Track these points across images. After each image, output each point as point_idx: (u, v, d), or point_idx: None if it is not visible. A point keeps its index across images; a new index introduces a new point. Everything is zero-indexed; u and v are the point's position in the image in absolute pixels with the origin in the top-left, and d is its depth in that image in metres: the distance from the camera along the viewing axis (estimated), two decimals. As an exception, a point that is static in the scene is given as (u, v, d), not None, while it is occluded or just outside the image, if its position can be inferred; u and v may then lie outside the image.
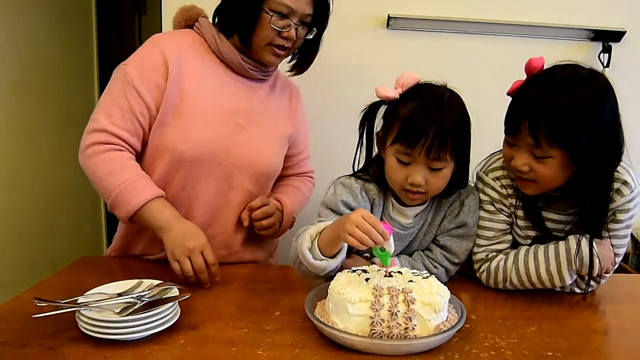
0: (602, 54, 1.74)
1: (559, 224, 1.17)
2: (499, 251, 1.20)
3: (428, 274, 1.01)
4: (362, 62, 1.80)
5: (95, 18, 2.92)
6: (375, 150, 1.22)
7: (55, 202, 2.53)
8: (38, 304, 0.89)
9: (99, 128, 1.22)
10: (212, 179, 1.28)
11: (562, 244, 1.12)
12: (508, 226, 1.20)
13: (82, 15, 2.86)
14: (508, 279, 1.16)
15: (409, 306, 0.89)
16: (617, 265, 1.17)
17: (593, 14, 1.74)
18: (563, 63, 1.07)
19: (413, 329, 0.88)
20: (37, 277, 1.21)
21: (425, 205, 1.21)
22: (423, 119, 1.07)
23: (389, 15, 1.75)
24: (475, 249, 1.22)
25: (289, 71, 1.44)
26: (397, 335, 0.87)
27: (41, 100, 2.40)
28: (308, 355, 0.87)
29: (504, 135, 1.13)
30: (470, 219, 1.21)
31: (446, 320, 0.92)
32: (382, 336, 0.88)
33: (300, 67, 1.43)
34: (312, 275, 1.08)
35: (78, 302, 0.93)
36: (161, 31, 3.99)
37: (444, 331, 0.89)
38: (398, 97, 1.13)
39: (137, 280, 1.03)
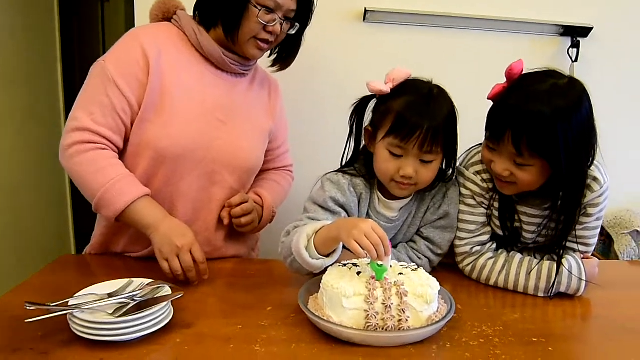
0: (570, 49, 1.80)
1: (533, 218, 1.22)
2: (482, 243, 1.24)
3: (416, 266, 1.04)
4: (338, 55, 1.81)
5: (58, 8, 2.80)
6: (362, 144, 1.24)
7: (20, 198, 2.45)
8: (29, 308, 0.87)
9: (80, 127, 1.18)
10: (194, 175, 1.27)
11: (554, 265, 1.15)
12: (487, 219, 1.25)
13: (44, 4, 2.74)
14: (493, 280, 1.21)
15: (401, 298, 0.92)
16: (590, 254, 1.24)
17: (562, 10, 1.80)
18: (542, 71, 1.11)
19: (406, 320, 0.91)
20: (3, 274, 1.17)
21: (409, 199, 1.24)
22: (417, 114, 1.10)
23: (365, 8, 1.76)
24: (458, 242, 1.25)
25: (271, 66, 1.43)
26: (391, 327, 0.90)
27: (3, 94, 2.31)
28: (305, 349, 0.89)
29: (480, 131, 1.17)
30: (453, 209, 1.25)
31: (437, 311, 0.96)
32: (377, 328, 0.90)
33: (282, 62, 1.43)
34: (305, 272, 1.09)
35: (69, 304, 0.92)
36: (131, 21, 3.89)
37: (437, 322, 0.92)
38: (389, 91, 1.16)
39: (127, 280, 1.02)
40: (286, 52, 1.40)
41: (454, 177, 1.26)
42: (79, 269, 1.29)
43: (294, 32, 1.32)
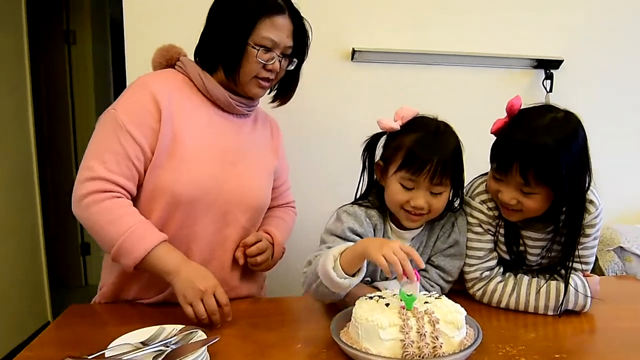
0: (545, 80, 1.94)
1: (536, 242, 1.29)
2: (491, 268, 1.30)
3: (438, 294, 1.09)
4: (328, 93, 1.88)
5: (28, 52, 2.77)
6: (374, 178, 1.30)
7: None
8: (69, 363, 0.86)
9: (94, 176, 1.18)
10: (209, 217, 1.29)
11: (561, 284, 1.23)
12: (494, 245, 1.31)
13: (14, 51, 2.71)
14: (504, 302, 1.26)
15: (434, 326, 0.95)
16: (589, 272, 1.32)
17: (536, 44, 1.94)
18: (539, 106, 1.21)
19: (441, 346, 0.94)
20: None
21: (421, 229, 1.30)
22: (427, 149, 1.17)
23: (353, 48, 1.85)
24: (467, 269, 1.31)
25: (271, 102, 1.47)
26: (427, 354, 0.93)
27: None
28: (346, 382, 0.91)
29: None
30: (462, 238, 1.31)
31: (467, 335, 1.00)
32: (413, 357, 0.93)
33: (282, 97, 1.46)
34: (329, 296, 1.12)
35: (106, 355, 0.91)
36: (101, 64, 3.86)
37: (469, 346, 0.96)
38: (399, 128, 1.23)
39: (158, 327, 1.02)
40: (285, 87, 1.44)
41: (461, 207, 1.32)
42: (92, 319, 1.26)
43: (292, 68, 1.36)
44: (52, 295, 2.98)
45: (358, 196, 1.33)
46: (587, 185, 1.19)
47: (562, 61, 1.94)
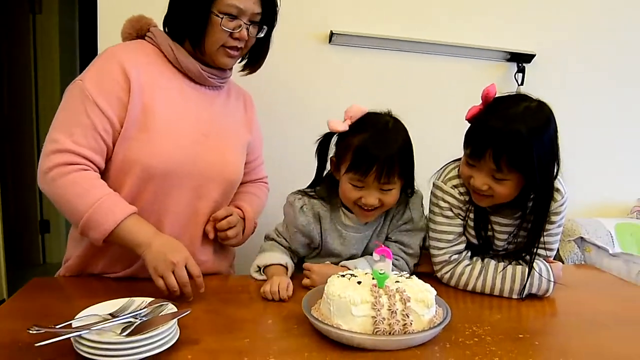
0: (517, 73, 1.98)
1: (504, 227, 1.33)
2: (459, 252, 1.33)
3: (408, 274, 1.10)
4: (305, 76, 1.88)
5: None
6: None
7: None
8: (34, 332, 0.83)
9: (61, 149, 1.15)
10: (181, 190, 1.27)
11: (526, 268, 1.26)
12: (463, 229, 1.34)
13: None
14: (471, 285, 1.30)
15: (405, 304, 0.97)
16: (552, 258, 1.36)
17: (509, 38, 1.98)
18: (514, 95, 1.25)
19: (411, 324, 0.96)
20: None
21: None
22: (372, 149, 1.20)
23: (331, 31, 1.84)
24: (436, 252, 1.34)
25: (241, 71, 1.44)
26: (397, 331, 0.95)
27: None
28: (317, 357, 0.91)
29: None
30: (416, 214, 1.36)
31: (436, 314, 1.02)
32: (384, 333, 0.95)
33: (251, 66, 1.43)
34: None
35: (73, 325, 0.89)
36: (67, 35, 3.72)
37: (438, 324, 0.98)
38: (348, 129, 1.25)
39: (127, 299, 1.00)
40: (255, 55, 1.41)
41: (413, 193, 1.37)
42: (56, 292, 1.23)
43: (262, 35, 1.33)
44: (9, 273, 2.89)
45: (314, 182, 1.38)
46: (555, 173, 1.23)
47: (534, 55, 1.98)
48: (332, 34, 1.85)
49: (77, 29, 3.64)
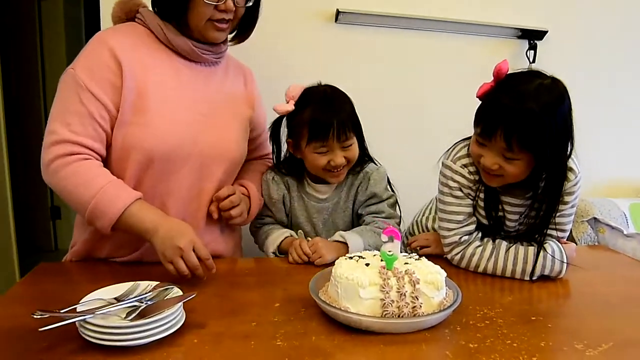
0: (528, 50, 1.93)
1: (515, 207, 1.30)
2: (469, 232, 1.30)
3: (418, 256, 1.08)
4: (311, 55, 1.84)
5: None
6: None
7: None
8: (38, 317, 0.82)
9: (59, 140, 1.14)
10: (183, 171, 1.26)
11: (541, 253, 1.23)
12: (473, 209, 1.31)
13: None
14: (482, 267, 1.27)
15: (414, 286, 0.95)
16: (565, 238, 1.33)
17: (520, 14, 1.93)
18: (527, 71, 1.20)
19: (420, 306, 0.94)
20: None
21: (336, 185, 1.47)
22: (324, 116, 1.32)
23: (338, 9, 1.80)
24: (446, 233, 1.31)
25: (230, 42, 1.40)
26: (406, 314, 0.93)
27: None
28: (325, 340, 0.90)
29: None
30: (378, 189, 1.46)
31: (446, 296, 1.00)
32: (393, 316, 0.93)
33: (240, 35, 1.40)
34: None
35: (78, 310, 0.88)
36: (73, 22, 3.72)
37: (449, 306, 0.96)
38: (294, 108, 1.36)
39: (132, 283, 0.99)
40: (244, 26, 1.37)
41: (373, 165, 1.49)
42: (63, 276, 1.23)
43: (251, 4, 1.29)
44: (21, 260, 2.92)
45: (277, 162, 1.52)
46: (569, 153, 1.19)
47: (546, 32, 1.93)
48: (338, 12, 1.81)
49: (83, 15, 3.63)
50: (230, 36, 1.38)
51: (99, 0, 1.73)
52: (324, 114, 1.32)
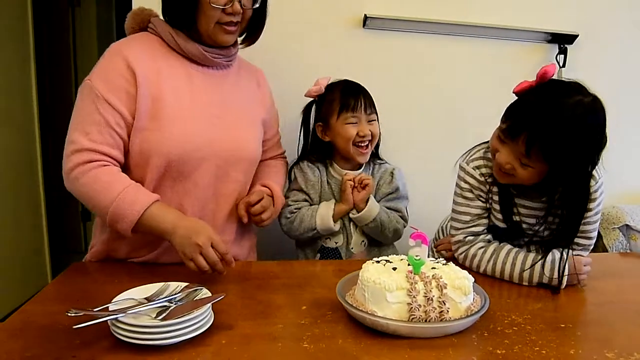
0: (558, 55, 1.90)
1: (531, 211, 1.28)
2: (476, 234, 1.30)
3: (445, 261, 1.08)
4: (339, 61, 1.84)
5: (32, 13, 2.73)
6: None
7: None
8: (72, 315, 0.85)
9: (79, 148, 1.19)
10: (200, 173, 1.28)
11: (539, 260, 1.21)
12: (484, 211, 1.31)
13: (17, 9, 2.66)
14: (482, 268, 1.28)
15: (442, 291, 0.95)
16: (591, 248, 1.31)
17: (550, 18, 1.90)
18: (571, 82, 1.15)
19: (447, 311, 0.94)
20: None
21: (360, 171, 1.64)
22: (353, 91, 1.57)
23: (365, 15, 1.80)
24: (454, 232, 1.35)
25: (240, 44, 1.42)
26: (434, 318, 0.93)
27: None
28: (352, 344, 0.91)
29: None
30: (400, 184, 1.65)
31: (473, 302, 0.99)
32: (420, 320, 0.93)
33: (249, 38, 1.41)
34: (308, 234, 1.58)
35: (110, 309, 0.90)
36: (104, 27, 3.80)
37: (476, 312, 0.96)
38: (324, 90, 1.60)
39: (162, 284, 1.01)
40: (252, 27, 1.38)
41: (390, 165, 1.69)
42: (94, 276, 1.27)
43: (258, 5, 1.30)
44: (53, 260, 3.00)
45: (304, 153, 1.68)
46: (592, 168, 1.16)
47: (576, 36, 1.90)
48: (366, 18, 1.81)
49: (114, 20, 3.72)
50: (240, 39, 1.40)
51: (131, 5, 1.77)
52: (352, 89, 1.57)
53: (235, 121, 1.34)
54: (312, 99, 1.62)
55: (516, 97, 1.20)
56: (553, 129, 1.07)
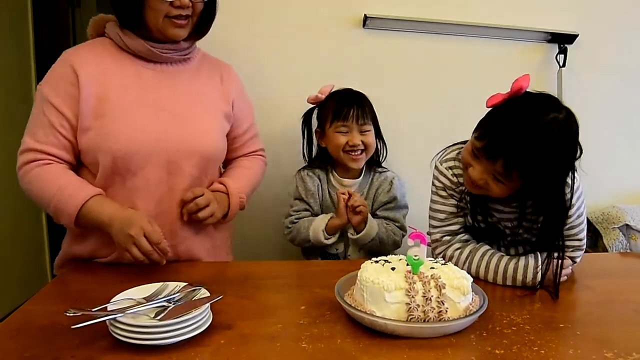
0: (558, 55, 1.90)
1: (504, 214, 1.28)
2: (453, 233, 1.32)
3: (444, 261, 1.08)
4: (338, 61, 1.84)
5: (32, 13, 2.73)
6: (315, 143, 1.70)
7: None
8: (71, 315, 0.85)
9: (25, 148, 1.26)
10: (150, 169, 1.29)
11: (512, 264, 1.22)
12: (459, 210, 1.32)
13: (16, 9, 2.66)
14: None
15: (440, 291, 0.95)
16: (584, 247, 1.30)
17: (550, 17, 1.90)
18: (543, 98, 1.14)
19: (446, 311, 0.94)
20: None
21: (360, 179, 1.66)
22: (348, 100, 1.58)
23: (365, 15, 1.80)
24: (431, 230, 1.35)
25: (187, 40, 1.39)
26: (432, 318, 0.93)
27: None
28: (351, 344, 0.91)
29: (474, 128, 1.22)
30: (399, 194, 1.65)
31: (472, 302, 0.99)
32: (418, 320, 0.93)
33: (198, 33, 1.39)
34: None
35: (109, 309, 0.90)
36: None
37: (474, 312, 0.96)
38: (324, 98, 1.62)
39: (161, 283, 1.01)
40: (202, 22, 1.36)
41: (391, 172, 1.69)
42: (92, 276, 1.26)
43: None
44: (53, 260, 2.98)
45: (309, 161, 1.73)
46: (565, 180, 1.16)
47: (576, 36, 1.90)
48: (366, 18, 1.81)
49: (115, 21, 3.71)
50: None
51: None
52: (347, 99, 1.59)
53: (190, 115, 1.34)
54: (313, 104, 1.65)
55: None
56: (531, 152, 1.07)
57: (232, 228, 1.54)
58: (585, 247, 1.31)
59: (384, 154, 1.71)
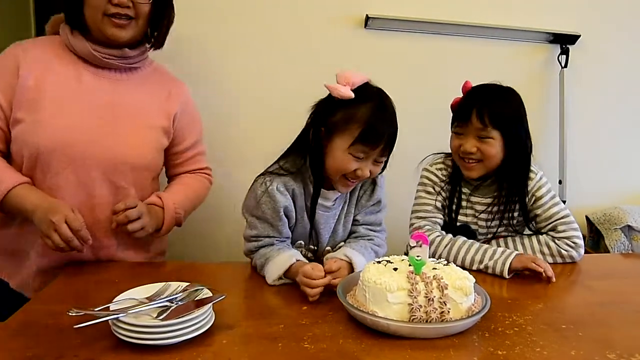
0: (560, 55, 1.90)
1: (483, 206, 1.47)
2: (437, 223, 1.47)
3: (446, 262, 1.08)
4: (340, 61, 1.83)
5: (33, 13, 2.74)
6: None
7: None
8: (73, 314, 0.85)
9: None
10: (69, 170, 1.28)
11: (489, 250, 1.35)
12: (443, 208, 1.49)
13: (18, 10, 2.67)
14: (437, 253, 1.40)
15: (442, 291, 0.95)
16: (581, 240, 1.40)
17: (552, 18, 1.90)
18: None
19: (448, 312, 0.94)
20: None
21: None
22: (382, 125, 1.20)
23: (367, 15, 1.80)
24: (415, 220, 1.47)
25: (149, 48, 1.41)
26: (434, 319, 0.93)
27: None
28: (353, 344, 0.91)
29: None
30: (383, 195, 1.40)
31: (474, 302, 0.99)
32: (420, 321, 0.93)
33: (155, 42, 1.39)
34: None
35: (111, 309, 0.90)
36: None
37: (476, 313, 0.96)
38: (353, 96, 1.20)
39: (164, 283, 1.01)
40: (154, 28, 1.36)
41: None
42: (94, 276, 1.25)
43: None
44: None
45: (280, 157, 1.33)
46: (528, 143, 1.41)
47: (578, 36, 1.90)
48: (367, 18, 1.81)
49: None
50: (148, 45, 1.40)
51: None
52: (383, 122, 1.19)
53: (124, 126, 1.32)
54: (330, 94, 1.24)
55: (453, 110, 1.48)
56: (493, 92, 1.40)
57: (166, 240, 1.50)
58: (583, 246, 1.37)
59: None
